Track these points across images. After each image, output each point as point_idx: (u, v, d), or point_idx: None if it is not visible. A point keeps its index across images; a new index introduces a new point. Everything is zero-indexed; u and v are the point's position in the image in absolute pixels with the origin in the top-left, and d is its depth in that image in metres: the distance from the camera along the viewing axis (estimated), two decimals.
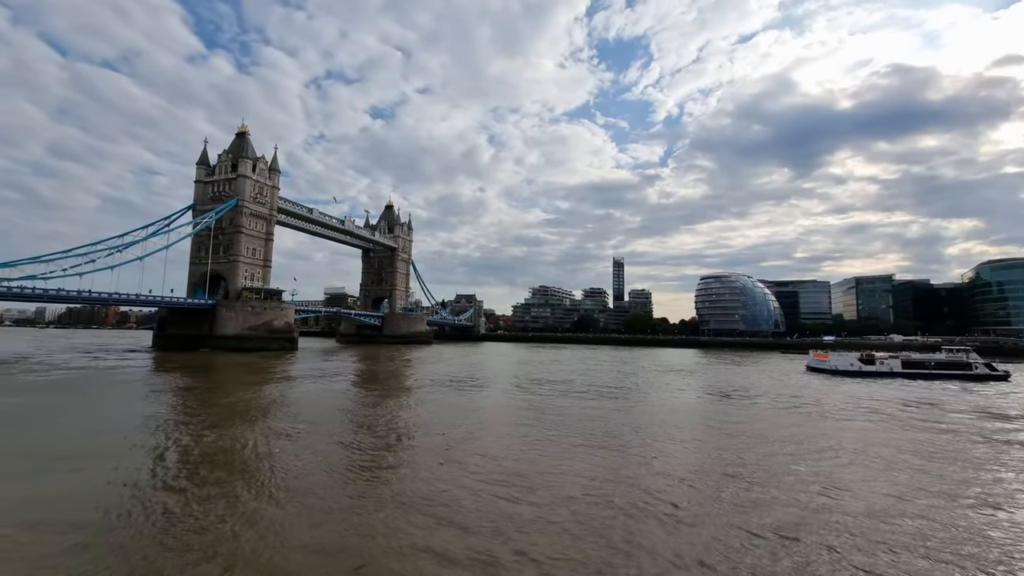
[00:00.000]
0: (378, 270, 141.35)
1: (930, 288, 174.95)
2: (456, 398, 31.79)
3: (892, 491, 14.08)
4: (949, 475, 15.82)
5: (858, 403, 31.89)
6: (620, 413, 27.24)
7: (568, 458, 16.90)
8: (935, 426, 24.38)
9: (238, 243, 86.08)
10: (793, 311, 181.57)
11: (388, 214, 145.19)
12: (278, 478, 14.07)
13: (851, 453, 18.57)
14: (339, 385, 37.14)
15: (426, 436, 20.20)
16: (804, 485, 14.37)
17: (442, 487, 13.48)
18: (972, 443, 20.78)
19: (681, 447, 19.52)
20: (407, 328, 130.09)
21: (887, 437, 21.82)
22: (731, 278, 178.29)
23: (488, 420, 24.36)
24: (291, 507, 11.75)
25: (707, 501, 12.97)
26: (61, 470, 14.37)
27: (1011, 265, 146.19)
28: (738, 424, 24.41)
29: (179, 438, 18.70)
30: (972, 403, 32.73)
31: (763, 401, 32.53)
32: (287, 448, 17.54)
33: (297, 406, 27.00)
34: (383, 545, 9.91)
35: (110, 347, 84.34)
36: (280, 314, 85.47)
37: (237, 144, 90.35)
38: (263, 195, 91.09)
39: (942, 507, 12.79)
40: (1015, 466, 17.22)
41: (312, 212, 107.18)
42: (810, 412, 28.26)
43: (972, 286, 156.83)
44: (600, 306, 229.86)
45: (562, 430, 21.66)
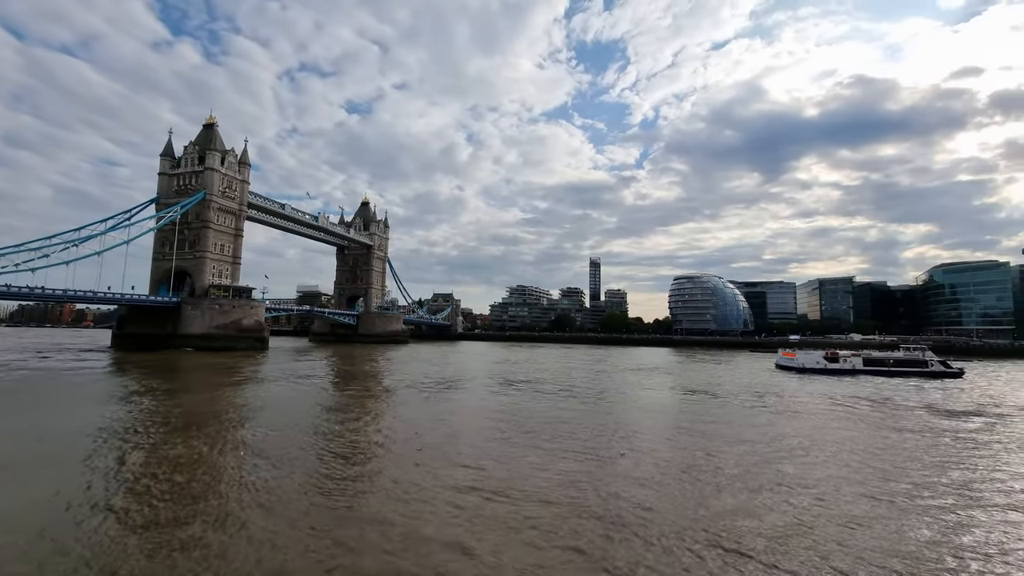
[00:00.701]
0: (353, 268, 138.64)
1: (887, 290, 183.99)
2: (431, 399, 31.20)
3: (866, 491, 14.57)
4: (916, 468, 16.59)
5: (824, 400, 33.14)
6: (593, 414, 27.44)
7: (540, 461, 16.68)
8: (899, 423, 25.53)
9: (205, 238, 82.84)
10: (761, 311, 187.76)
11: (364, 211, 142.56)
12: (234, 494, 12.83)
13: (822, 450, 19.23)
14: (309, 387, 35.62)
15: (397, 446, 18.65)
16: (783, 484, 14.77)
17: (412, 501, 12.40)
18: (934, 437, 21.86)
19: (672, 447, 19.76)
20: (383, 327, 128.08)
21: (856, 436, 22.68)
22: (703, 279, 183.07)
23: (462, 423, 23.95)
24: (245, 530, 10.48)
25: (695, 506, 13.13)
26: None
27: (962, 269, 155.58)
28: (720, 424, 24.93)
29: (128, 447, 17.21)
30: (931, 399, 34.50)
31: (742, 399, 33.39)
32: (245, 461, 15.96)
33: (262, 411, 25.38)
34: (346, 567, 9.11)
35: (65, 346, 79.75)
36: (250, 312, 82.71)
37: (204, 136, 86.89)
38: (232, 189, 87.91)
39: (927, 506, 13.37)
40: (970, 458, 18.18)
41: (284, 208, 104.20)
42: (783, 411, 29.11)
43: (926, 288, 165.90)
44: (577, 306, 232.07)
45: (536, 432, 21.40)
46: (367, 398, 31.23)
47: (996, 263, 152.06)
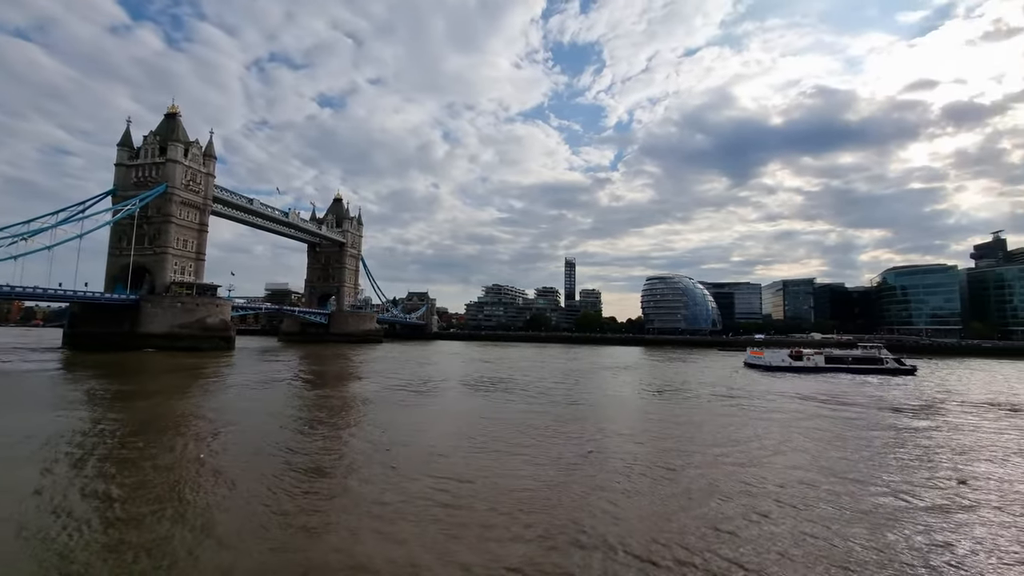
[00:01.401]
0: (325, 266, 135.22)
1: (844, 291, 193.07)
2: (402, 400, 30.58)
3: (838, 490, 15.16)
4: (880, 462, 17.48)
5: (793, 399, 34.48)
6: (565, 413, 27.63)
7: (515, 464, 16.54)
8: (863, 420, 26.84)
9: (166, 233, 79.01)
10: (729, 311, 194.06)
11: (336, 207, 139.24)
12: (179, 511, 11.51)
13: (795, 449, 19.98)
14: (276, 389, 33.88)
15: (365, 450, 17.72)
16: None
17: (385, 516, 11.57)
18: (896, 433, 23.07)
19: (657, 448, 20.05)
20: (356, 326, 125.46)
21: (826, 434, 23.64)
22: (674, 279, 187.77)
23: (432, 424, 23.49)
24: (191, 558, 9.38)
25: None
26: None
27: (913, 271, 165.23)
28: (701, 424, 25.52)
29: (65, 460, 15.36)
30: (889, 395, 36.44)
31: (719, 398, 34.34)
32: (196, 475, 14.41)
33: (223, 416, 23.56)
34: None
35: (10, 346, 74.45)
36: (215, 311, 79.40)
37: (166, 125, 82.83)
38: (196, 182, 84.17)
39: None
40: (929, 451, 19.27)
41: (252, 203, 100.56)
42: (756, 408, 30.11)
43: (880, 290, 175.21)
44: (552, 305, 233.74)
45: (506, 434, 21.12)
46: (336, 400, 30.18)
47: (945, 267, 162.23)
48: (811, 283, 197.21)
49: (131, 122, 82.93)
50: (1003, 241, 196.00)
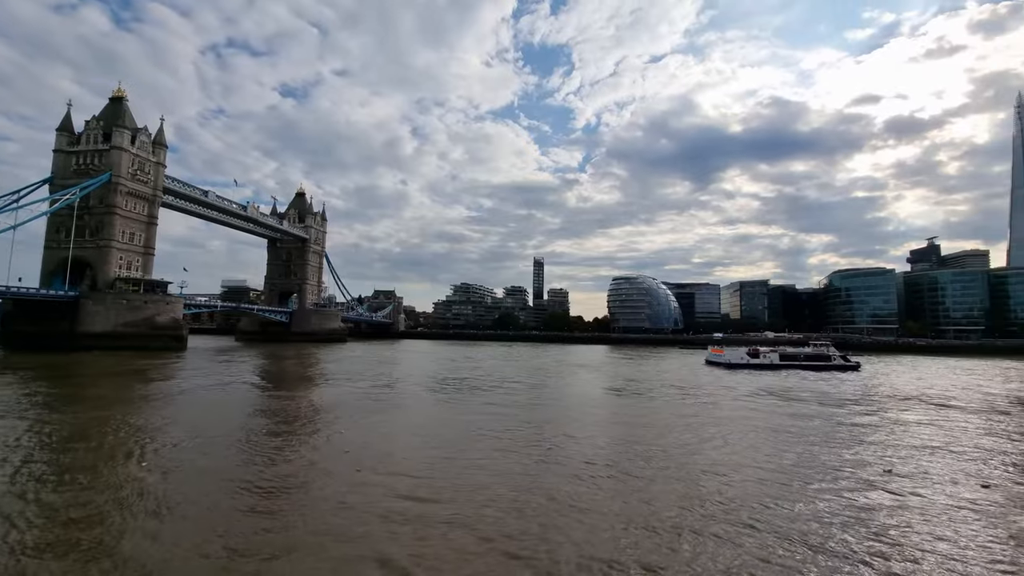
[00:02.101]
0: (286, 262, 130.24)
1: (795, 292, 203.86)
2: (365, 400, 29.89)
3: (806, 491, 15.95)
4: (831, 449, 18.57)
5: (750, 393, 36.19)
6: (532, 410, 27.89)
7: (477, 463, 16.48)
8: (818, 412, 28.45)
9: (110, 226, 73.85)
10: (690, 310, 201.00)
11: (299, 202, 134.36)
12: (105, 543, 9.95)
13: (746, 435, 20.93)
14: (229, 392, 32.00)
15: (326, 460, 16.54)
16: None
17: (341, 526, 10.97)
18: (844, 423, 24.59)
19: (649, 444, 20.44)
20: (319, 325, 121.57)
21: (783, 423, 24.88)
22: (639, 280, 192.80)
23: (395, 424, 23.15)
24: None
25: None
26: None
27: (855, 274, 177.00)
28: (680, 417, 26.26)
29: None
30: (838, 389, 38.88)
31: (688, 393, 35.48)
32: (131, 496, 12.53)
33: (165, 423, 21.35)
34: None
35: None
36: (165, 308, 75.00)
37: (111, 110, 77.40)
38: (145, 172, 79.07)
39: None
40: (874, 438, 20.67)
41: (207, 195, 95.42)
42: (720, 406, 31.33)
43: (826, 291, 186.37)
44: (521, 304, 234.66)
45: (473, 432, 21.12)
46: (294, 402, 28.86)
47: (883, 270, 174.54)
48: (765, 284, 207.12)
49: (72, 106, 77.07)
50: (937, 247, 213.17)
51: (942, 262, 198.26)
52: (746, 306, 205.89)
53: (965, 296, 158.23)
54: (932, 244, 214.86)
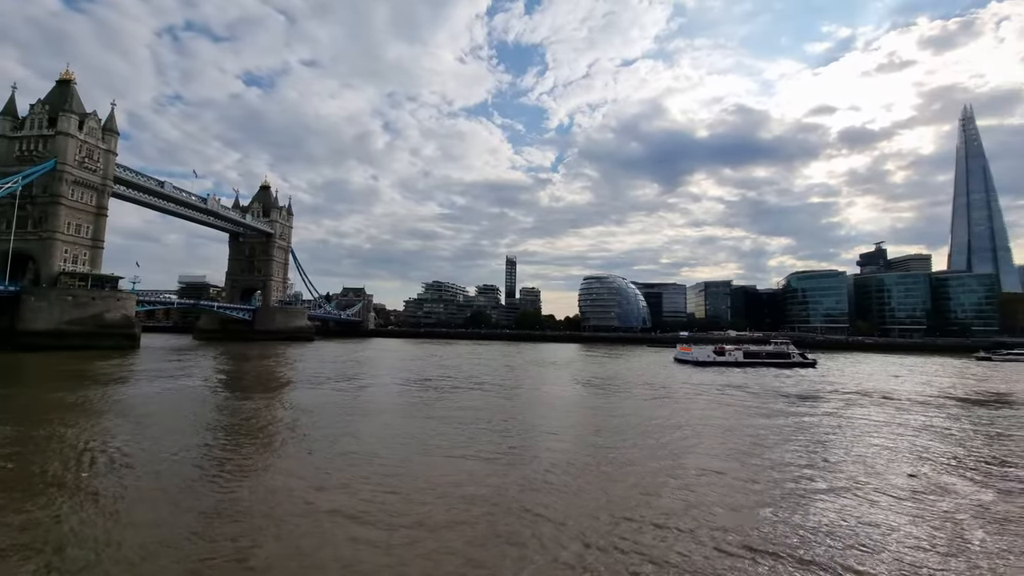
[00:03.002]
0: (250, 258, 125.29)
1: (756, 293, 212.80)
2: (330, 402, 28.71)
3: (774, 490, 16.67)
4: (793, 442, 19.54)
5: (717, 389, 37.60)
6: (504, 408, 28.03)
7: (449, 469, 15.92)
8: (770, 406, 29.85)
9: (55, 217, 68.96)
10: (658, 309, 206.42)
11: (264, 195, 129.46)
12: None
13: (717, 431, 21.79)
14: (183, 394, 29.62)
15: (286, 465, 15.58)
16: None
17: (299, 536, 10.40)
18: (805, 417, 25.92)
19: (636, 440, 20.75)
20: (284, 323, 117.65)
21: (748, 421, 25.95)
22: (609, 279, 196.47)
23: (361, 425, 22.49)
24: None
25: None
26: None
27: (811, 276, 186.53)
28: (655, 413, 26.88)
29: None
30: (798, 385, 40.91)
31: (664, 390, 36.44)
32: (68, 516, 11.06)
33: (104, 435, 18.95)
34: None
35: None
36: (115, 305, 70.74)
37: (58, 94, 72.33)
38: (94, 160, 74.20)
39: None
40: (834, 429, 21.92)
41: (163, 185, 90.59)
42: (692, 400, 32.36)
43: (784, 292, 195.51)
44: (493, 303, 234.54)
45: (442, 432, 20.88)
46: (253, 404, 27.01)
47: (836, 272, 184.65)
48: (728, 285, 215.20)
49: (16, 88, 71.50)
50: (884, 251, 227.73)
51: (888, 265, 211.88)
52: (710, 306, 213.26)
53: (909, 297, 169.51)
54: (880, 248, 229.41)
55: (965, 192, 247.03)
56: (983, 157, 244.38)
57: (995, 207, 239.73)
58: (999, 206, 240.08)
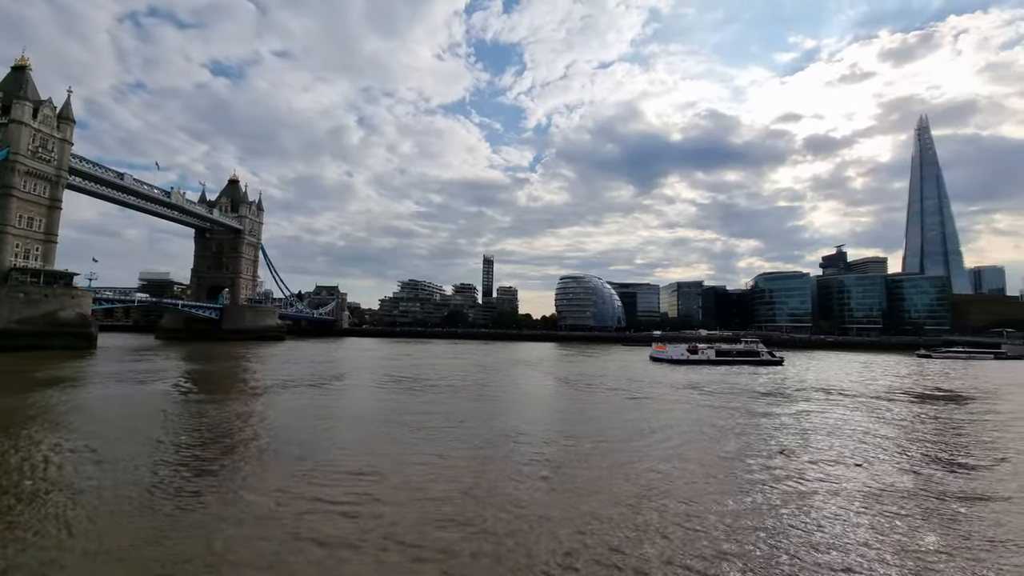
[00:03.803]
0: (217, 254, 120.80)
1: (726, 293, 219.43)
2: (297, 406, 27.22)
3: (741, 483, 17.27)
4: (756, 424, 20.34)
5: (690, 385, 38.66)
6: (481, 407, 28.12)
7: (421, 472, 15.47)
8: (739, 403, 30.98)
9: (5, 209, 64.91)
10: (632, 309, 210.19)
11: (232, 190, 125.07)
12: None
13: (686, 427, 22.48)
14: (140, 400, 27.38)
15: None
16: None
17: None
18: (777, 410, 26.94)
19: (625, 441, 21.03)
20: (254, 322, 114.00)
21: (713, 416, 26.81)
22: (585, 279, 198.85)
23: (328, 427, 21.83)
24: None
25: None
26: None
27: (777, 277, 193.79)
28: (639, 408, 27.37)
29: None
30: (768, 381, 42.48)
31: (641, 389, 37.14)
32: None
33: (54, 440, 17.56)
34: None
35: None
36: (70, 303, 67.17)
37: (12, 80, 68.20)
38: (48, 149, 70.10)
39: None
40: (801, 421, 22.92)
41: (123, 177, 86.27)
42: (669, 397, 33.15)
43: (752, 292, 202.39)
44: (470, 302, 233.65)
45: (415, 431, 20.65)
46: (219, 409, 24.85)
47: (800, 274, 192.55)
48: (700, 285, 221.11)
49: None
50: (844, 254, 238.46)
51: (848, 267, 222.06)
52: (683, 305, 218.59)
53: (866, 298, 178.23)
54: (840, 251, 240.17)
55: (919, 199, 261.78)
56: (937, 165, 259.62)
57: (947, 213, 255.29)
58: (951, 212, 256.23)
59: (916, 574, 9.28)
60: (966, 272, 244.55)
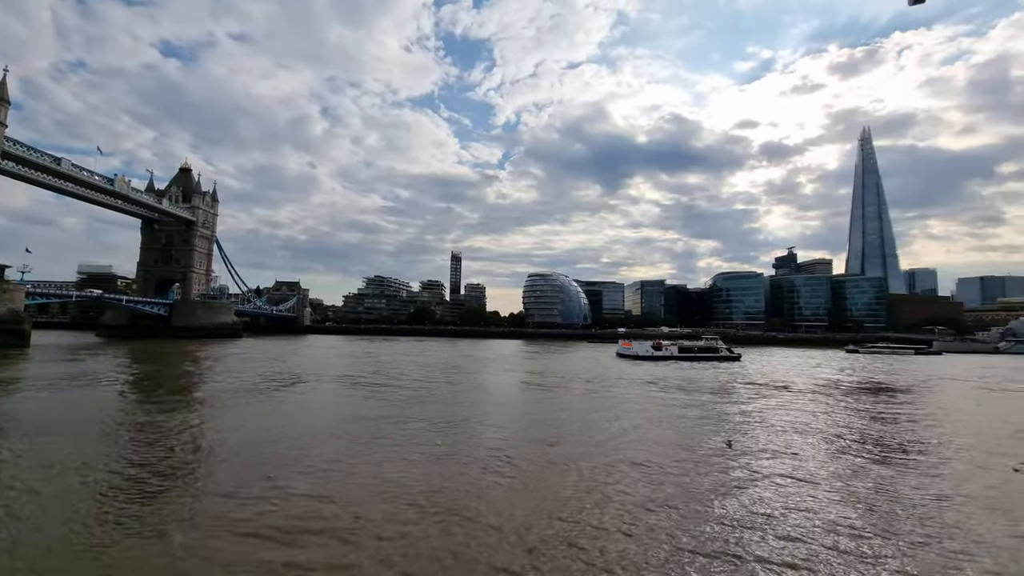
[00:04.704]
0: (167, 247, 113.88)
1: (686, 292, 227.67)
2: (250, 412, 24.71)
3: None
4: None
5: (654, 380, 39.91)
6: (446, 406, 28.00)
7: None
8: (695, 399, 32.30)
9: None
10: (598, 307, 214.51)
11: (184, 178, 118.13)
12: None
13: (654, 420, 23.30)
14: (77, 405, 24.71)
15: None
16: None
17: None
18: (735, 402, 28.26)
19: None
20: (207, 319, 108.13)
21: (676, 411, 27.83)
22: (553, 277, 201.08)
23: (280, 431, 20.24)
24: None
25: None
26: None
27: (734, 277, 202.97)
28: (603, 403, 27.88)
29: None
30: (722, 376, 44.42)
31: (613, 384, 37.96)
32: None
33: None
34: None
35: None
36: (0, 297, 61.55)
37: None
38: None
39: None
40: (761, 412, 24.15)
41: (60, 163, 79.62)
42: (636, 392, 34.05)
43: (711, 291, 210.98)
44: (437, 299, 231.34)
45: (379, 435, 19.66)
46: (164, 416, 22.17)
47: (755, 274, 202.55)
48: (662, 284, 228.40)
49: None
50: (795, 256, 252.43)
51: (798, 268, 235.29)
52: (646, 304, 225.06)
53: (813, 297, 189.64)
54: (791, 253, 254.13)
55: (861, 205, 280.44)
56: (877, 174, 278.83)
57: (886, 219, 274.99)
58: (889, 218, 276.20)
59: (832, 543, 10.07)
60: (902, 274, 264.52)
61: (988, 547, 10.34)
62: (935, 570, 9.37)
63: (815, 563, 9.51)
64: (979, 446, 19.69)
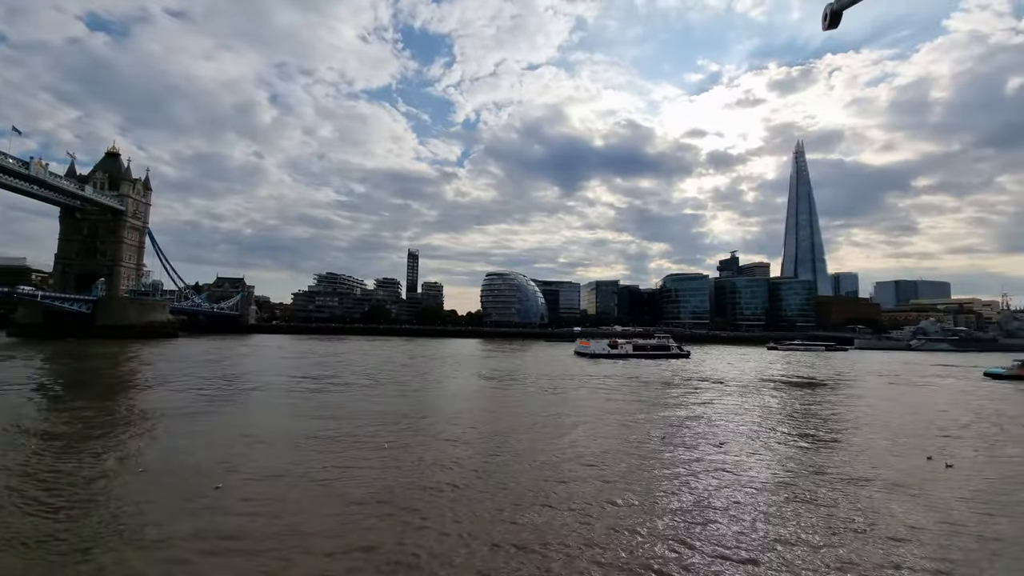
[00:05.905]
0: (90, 238, 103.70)
1: (639, 292, 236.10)
2: (183, 419, 22.78)
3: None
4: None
5: (617, 378, 41.13)
6: (399, 407, 27.66)
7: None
8: (650, 393, 33.69)
9: None
10: (554, 306, 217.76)
11: (111, 164, 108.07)
12: None
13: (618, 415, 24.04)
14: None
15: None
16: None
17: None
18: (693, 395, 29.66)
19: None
20: (137, 317, 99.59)
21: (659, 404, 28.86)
22: (511, 276, 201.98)
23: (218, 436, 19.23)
24: None
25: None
26: None
27: (682, 278, 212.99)
28: (562, 400, 28.22)
29: None
30: (672, 372, 46.50)
31: (572, 382, 38.49)
32: None
33: None
34: None
35: None
36: None
37: None
38: None
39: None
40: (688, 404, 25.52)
41: None
42: (599, 387, 34.86)
43: (661, 291, 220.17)
44: (393, 297, 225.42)
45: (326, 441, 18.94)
46: (78, 426, 20.10)
47: (701, 275, 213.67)
48: (616, 284, 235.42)
49: None
50: (737, 259, 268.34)
51: (740, 271, 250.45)
52: (601, 303, 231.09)
53: (753, 298, 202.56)
54: (734, 256, 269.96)
55: (795, 213, 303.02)
56: (809, 185, 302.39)
57: (816, 226, 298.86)
58: (819, 225, 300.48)
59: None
60: (829, 277, 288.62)
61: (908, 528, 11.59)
62: (864, 553, 10.36)
63: (741, 547, 10.30)
64: (893, 436, 21.76)
